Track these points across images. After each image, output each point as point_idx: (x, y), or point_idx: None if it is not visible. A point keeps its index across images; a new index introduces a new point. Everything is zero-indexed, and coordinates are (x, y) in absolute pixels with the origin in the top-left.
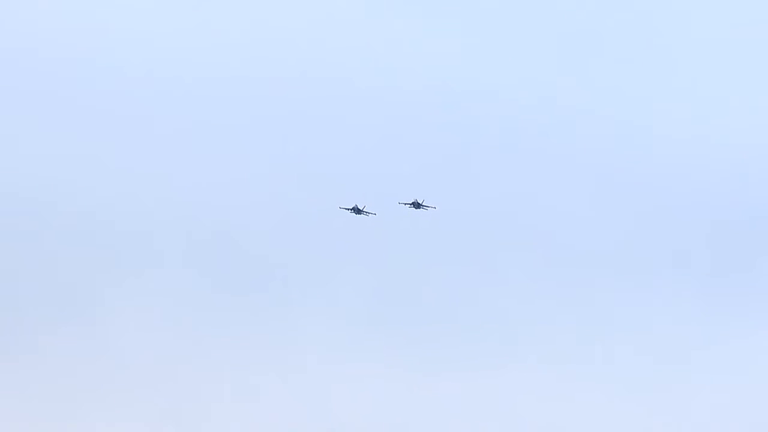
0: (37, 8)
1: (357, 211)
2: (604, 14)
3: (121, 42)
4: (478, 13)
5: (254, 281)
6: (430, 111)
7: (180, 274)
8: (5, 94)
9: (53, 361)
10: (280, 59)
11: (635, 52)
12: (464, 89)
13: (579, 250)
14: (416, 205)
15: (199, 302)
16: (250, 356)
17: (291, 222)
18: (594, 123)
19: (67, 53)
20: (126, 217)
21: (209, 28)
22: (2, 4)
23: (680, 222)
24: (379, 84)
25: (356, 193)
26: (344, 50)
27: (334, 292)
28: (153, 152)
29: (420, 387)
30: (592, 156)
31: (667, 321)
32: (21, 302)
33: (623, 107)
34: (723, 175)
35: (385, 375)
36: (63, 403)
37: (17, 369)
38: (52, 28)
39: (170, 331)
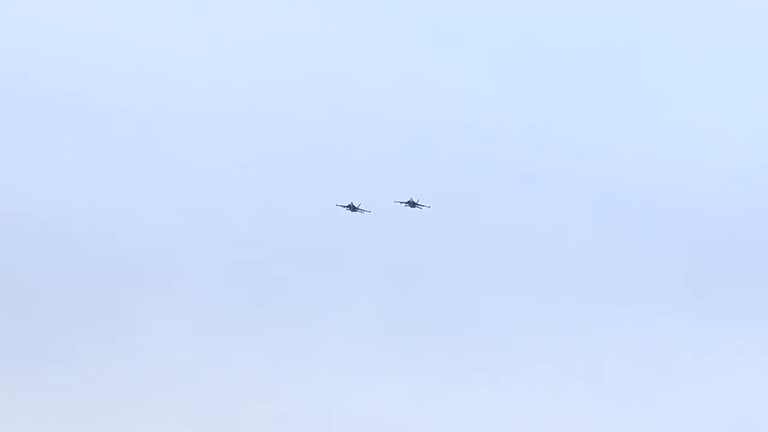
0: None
1: (352, 208)
2: (600, 50)
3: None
4: (480, 49)
5: (269, 290)
6: (431, 141)
7: (200, 285)
8: (29, 114)
9: (84, 371)
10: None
11: (632, 84)
12: (466, 121)
13: (575, 268)
14: (411, 203)
15: (218, 312)
16: (269, 363)
17: (302, 229)
18: (588, 153)
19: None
20: (149, 234)
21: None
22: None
23: (667, 243)
24: (376, 115)
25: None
26: (347, 94)
27: (346, 298)
28: (172, 168)
29: (429, 394)
30: (587, 183)
31: (659, 333)
32: (53, 316)
33: (615, 138)
34: (705, 201)
35: (402, 381)
36: (94, 413)
37: (50, 380)
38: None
39: (192, 340)
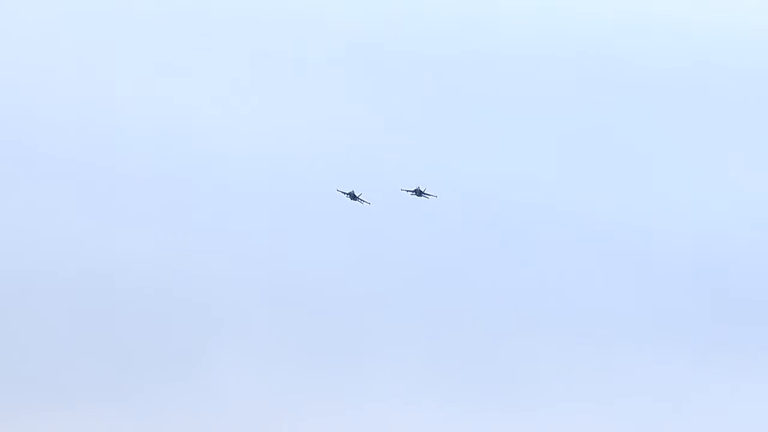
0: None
1: (353, 197)
2: (601, 116)
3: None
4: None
5: (325, 333)
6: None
7: (264, 331)
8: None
9: (155, 411)
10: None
11: (634, 145)
12: (476, 180)
13: (595, 311)
14: (418, 192)
15: (280, 357)
16: (330, 403)
17: (349, 274)
18: (607, 202)
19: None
20: (216, 283)
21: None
22: None
23: (683, 287)
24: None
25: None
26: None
27: (394, 339)
28: (236, 219)
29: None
30: (606, 231)
31: (675, 374)
32: (124, 357)
33: (630, 187)
34: (721, 247)
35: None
36: None
37: (123, 420)
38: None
39: (257, 383)
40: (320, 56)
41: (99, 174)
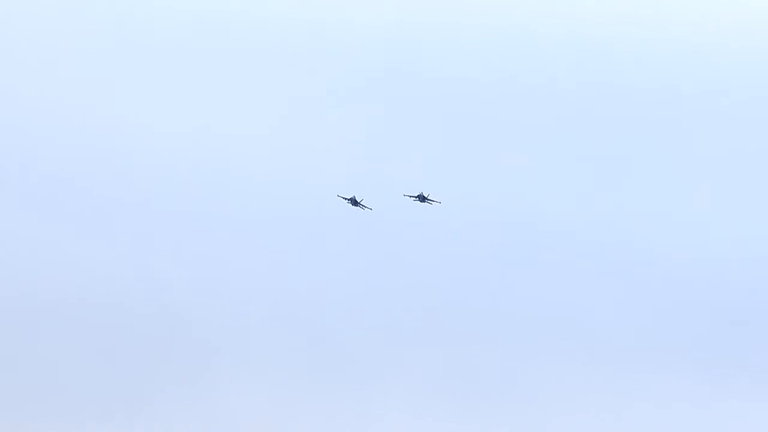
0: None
1: (354, 202)
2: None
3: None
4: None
5: (331, 357)
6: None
7: (273, 359)
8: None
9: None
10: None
11: (638, 164)
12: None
13: (605, 337)
14: (421, 198)
15: (290, 385)
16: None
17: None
18: (622, 232)
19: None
20: (220, 305)
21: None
22: None
23: (693, 314)
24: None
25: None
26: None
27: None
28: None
29: None
30: (618, 259)
31: (683, 399)
32: (133, 380)
33: (644, 212)
34: (733, 276)
35: None
36: None
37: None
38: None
39: (264, 404)
40: (327, 67)
41: (109, 197)
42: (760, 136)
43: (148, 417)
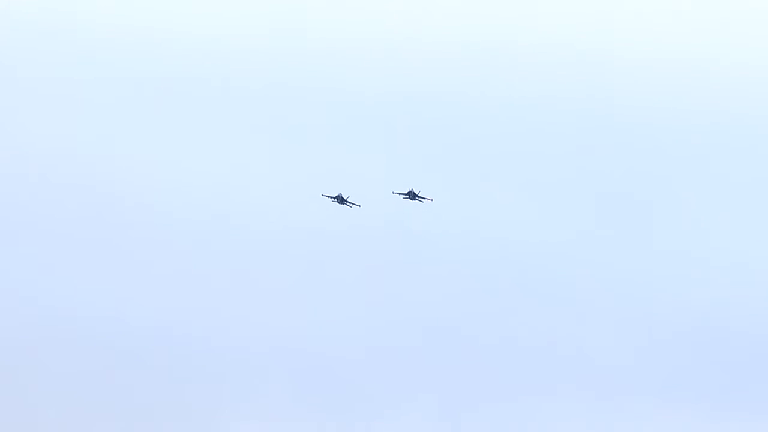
0: None
1: (341, 200)
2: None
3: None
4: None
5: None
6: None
7: (275, 390)
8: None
9: None
10: None
11: (643, 206)
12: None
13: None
14: (412, 195)
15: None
16: None
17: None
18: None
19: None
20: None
21: None
22: None
23: (686, 345)
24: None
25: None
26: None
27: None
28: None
29: None
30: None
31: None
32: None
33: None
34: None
35: None
36: None
37: None
38: None
39: None
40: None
41: (115, 239)
42: None
43: None
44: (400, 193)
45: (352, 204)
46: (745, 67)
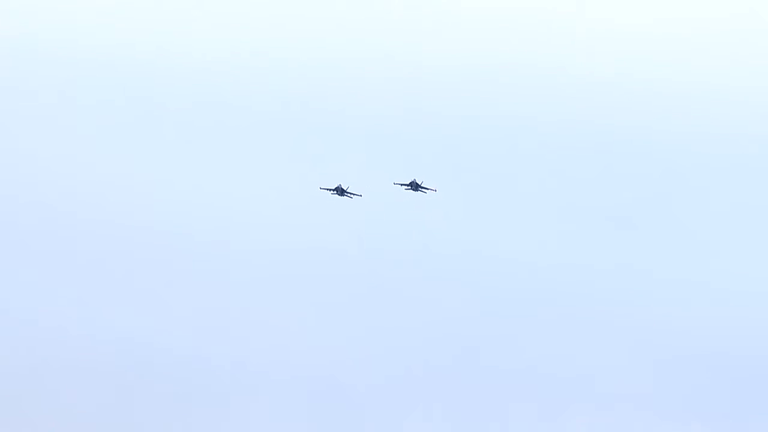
0: None
1: (340, 192)
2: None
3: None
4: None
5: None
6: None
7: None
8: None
9: None
10: None
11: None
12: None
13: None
14: (414, 186)
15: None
16: None
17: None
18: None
19: None
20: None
21: None
22: None
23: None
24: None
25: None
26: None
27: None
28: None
29: None
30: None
31: None
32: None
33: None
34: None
35: None
36: None
37: None
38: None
39: None
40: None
41: (117, 255)
42: None
43: None
44: (402, 184)
45: (353, 194)
46: (753, 90)
